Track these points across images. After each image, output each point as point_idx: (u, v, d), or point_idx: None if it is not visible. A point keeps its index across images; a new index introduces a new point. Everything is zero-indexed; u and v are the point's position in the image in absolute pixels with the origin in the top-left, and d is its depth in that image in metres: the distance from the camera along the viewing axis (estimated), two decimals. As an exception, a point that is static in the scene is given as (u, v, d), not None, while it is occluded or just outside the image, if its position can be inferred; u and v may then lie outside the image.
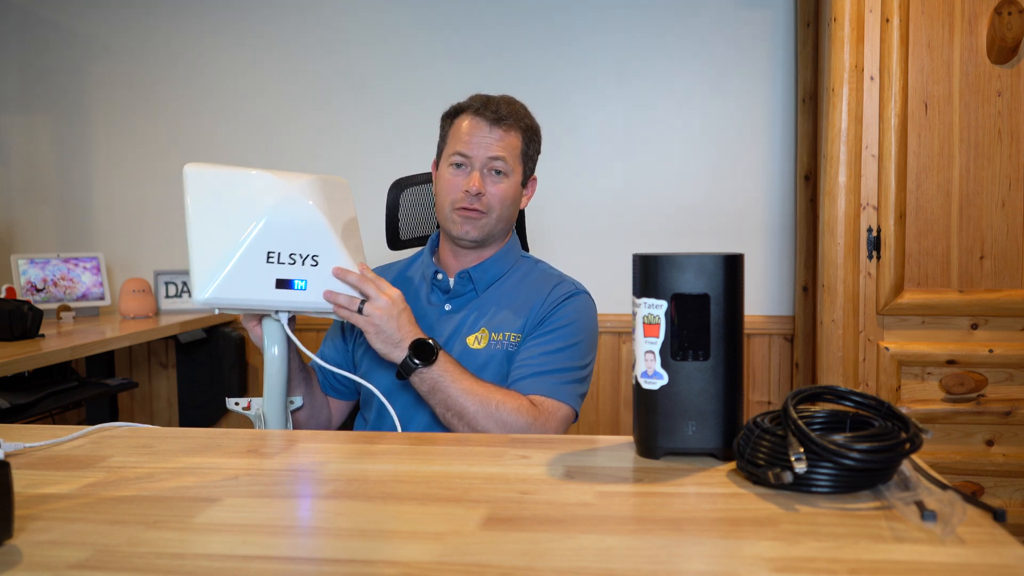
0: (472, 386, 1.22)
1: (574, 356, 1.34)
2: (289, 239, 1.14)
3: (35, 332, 2.15)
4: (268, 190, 1.15)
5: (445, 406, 1.22)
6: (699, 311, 0.84)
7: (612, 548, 0.62)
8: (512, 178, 1.38)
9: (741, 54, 2.66)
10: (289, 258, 1.14)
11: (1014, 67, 2.12)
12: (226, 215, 1.13)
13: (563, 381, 1.30)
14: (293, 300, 1.15)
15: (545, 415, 1.25)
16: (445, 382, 1.21)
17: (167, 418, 2.94)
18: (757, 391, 2.70)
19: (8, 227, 3.01)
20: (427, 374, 1.21)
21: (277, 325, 1.21)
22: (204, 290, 1.11)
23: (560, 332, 1.35)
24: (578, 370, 1.34)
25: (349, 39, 2.84)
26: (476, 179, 1.34)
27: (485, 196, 1.35)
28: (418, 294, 1.44)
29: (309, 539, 0.67)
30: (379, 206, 1.72)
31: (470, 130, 1.36)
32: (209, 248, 1.12)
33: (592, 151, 2.74)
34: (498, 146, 1.35)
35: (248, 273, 1.12)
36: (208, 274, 1.11)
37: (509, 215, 1.41)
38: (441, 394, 1.21)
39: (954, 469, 2.16)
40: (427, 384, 1.22)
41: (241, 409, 1.23)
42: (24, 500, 0.74)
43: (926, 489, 0.72)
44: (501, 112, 1.36)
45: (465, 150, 1.36)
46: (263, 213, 1.13)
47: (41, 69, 2.98)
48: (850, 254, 2.19)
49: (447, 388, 1.21)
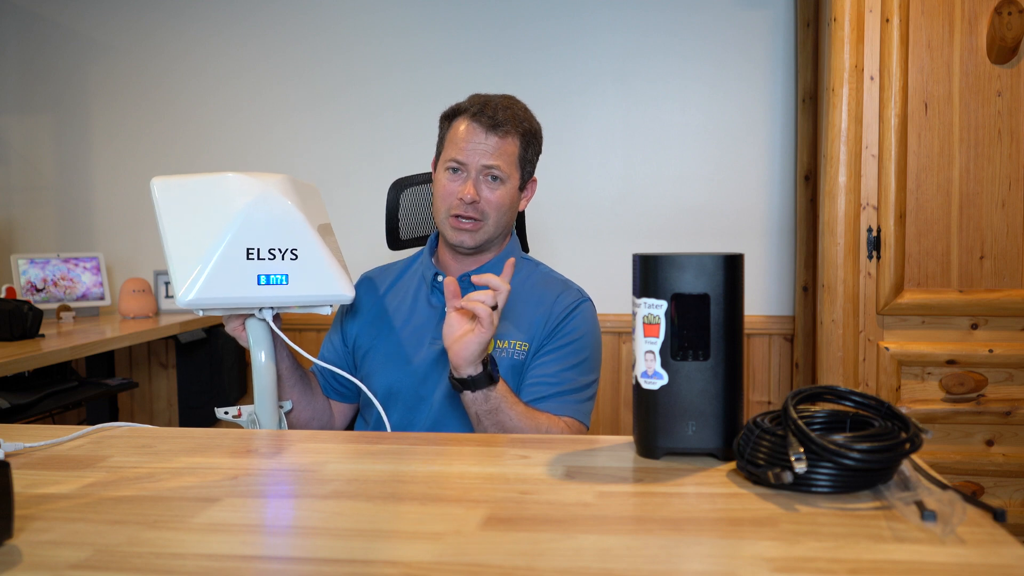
0: (525, 411, 1.23)
1: (586, 371, 1.36)
2: (267, 235, 1.15)
3: (35, 332, 2.15)
4: (241, 190, 1.15)
5: (501, 427, 1.21)
6: (699, 311, 0.84)
7: (612, 548, 0.62)
8: (509, 184, 1.36)
9: (741, 54, 2.66)
10: (269, 253, 1.14)
11: (1014, 67, 2.12)
12: (200, 219, 1.14)
13: (579, 400, 1.33)
14: (276, 295, 1.16)
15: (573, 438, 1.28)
16: (507, 405, 1.21)
17: (167, 418, 2.94)
18: (757, 391, 2.70)
19: (8, 227, 3.01)
20: (492, 393, 1.20)
21: (262, 325, 1.21)
22: (188, 292, 1.10)
23: (573, 346, 1.35)
24: (588, 387, 1.37)
25: (349, 39, 2.84)
26: (470, 188, 1.33)
27: (480, 203, 1.34)
28: (418, 296, 1.43)
29: (309, 539, 0.67)
30: (379, 206, 1.72)
31: (466, 136, 1.34)
32: (188, 252, 1.12)
33: (592, 151, 2.74)
34: (494, 154, 1.33)
35: (230, 271, 1.12)
36: (190, 276, 1.11)
37: (507, 220, 1.40)
38: (501, 415, 1.21)
39: (954, 469, 2.16)
40: (491, 403, 1.20)
41: (231, 418, 1.23)
42: (24, 500, 0.74)
43: (926, 489, 0.72)
44: (498, 117, 1.33)
45: (460, 157, 1.34)
46: (239, 211, 1.13)
47: (41, 69, 2.98)
48: (850, 254, 2.19)
49: (508, 411, 1.21)
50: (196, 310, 1.14)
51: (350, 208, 2.78)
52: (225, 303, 1.15)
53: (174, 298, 1.13)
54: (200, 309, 1.14)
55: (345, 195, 2.80)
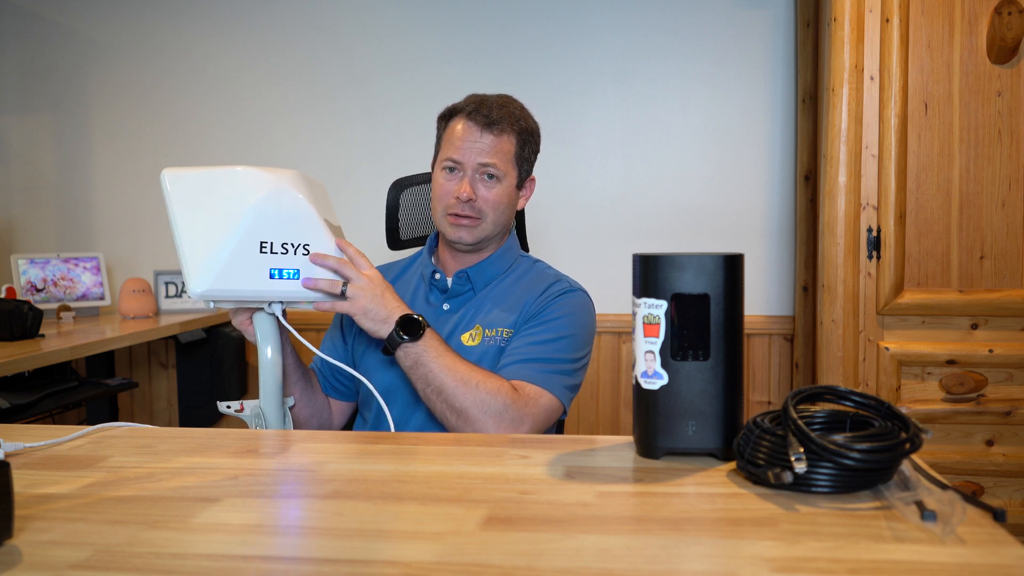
0: (454, 363, 1.21)
1: (564, 348, 1.33)
2: (280, 229, 1.15)
3: (35, 332, 2.15)
4: (254, 184, 1.15)
5: (425, 381, 1.21)
6: (699, 311, 0.84)
7: (612, 548, 0.62)
8: (505, 182, 1.37)
9: (741, 54, 2.66)
10: (281, 248, 1.15)
11: (1014, 67, 2.12)
12: (213, 211, 1.14)
13: (549, 370, 1.28)
14: (287, 289, 1.16)
15: (524, 399, 1.23)
16: (428, 357, 1.20)
17: (167, 418, 2.94)
18: (757, 391, 2.70)
19: (8, 227, 3.01)
20: (411, 348, 1.20)
21: (269, 320, 1.21)
22: (201, 283, 1.11)
23: (552, 324, 1.34)
24: (568, 362, 1.32)
25: (348, 39, 2.84)
26: (467, 186, 1.34)
27: (477, 201, 1.35)
28: (417, 293, 1.44)
29: (309, 539, 0.67)
30: (379, 206, 1.72)
31: (462, 135, 1.35)
32: (201, 243, 1.12)
33: (592, 151, 2.74)
34: (490, 152, 1.34)
35: (243, 264, 1.13)
36: (203, 268, 1.11)
37: (504, 219, 1.40)
38: (423, 369, 1.21)
39: (954, 469, 2.16)
40: (410, 358, 1.21)
41: (234, 412, 1.23)
42: (24, 500, 0.74)
43: (926, 489, 0.72)
44: (493, 116, 1.34)
45: (456, 156, 1.35)
46: (253, 205, 1.14)
47: (41, 69, 2.98)
48: (850, 254, 2.19)
49: (429, 363, 1.20)
50: (207, 302, 1.14)
51: (350, 208, 2.78)
52: (237, 295, 1.15)
53: (186, 289, 1.13)
54: (212, 300, 1.14)
55: (345, 195, 2.80)
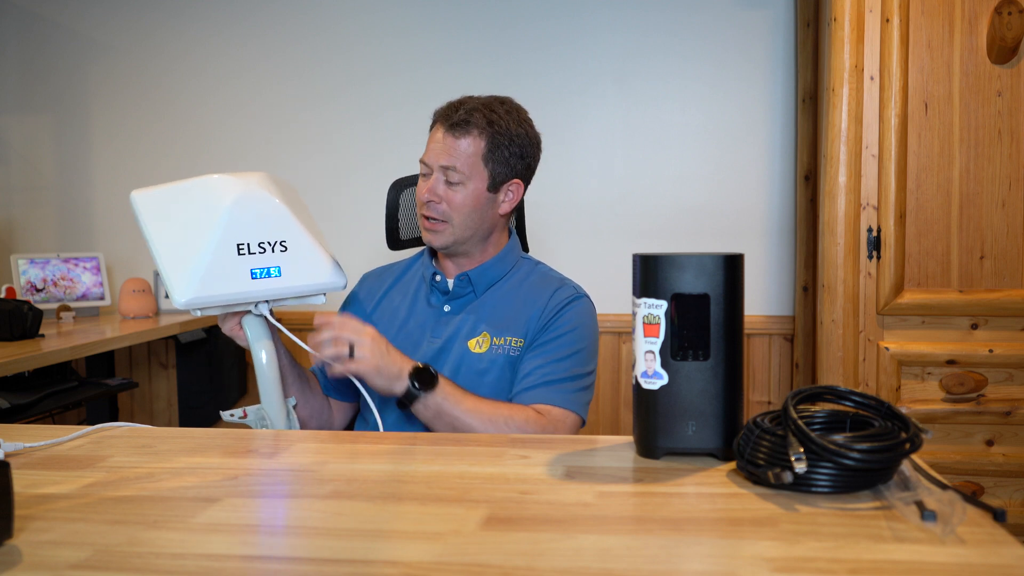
0: (476, 405, 1.22)
1: (578, 363, 1.34)
2: (255, 230, 1.16)
3: (35, 332, 2.15)
4: (223, 190, 1.17)
5: (452, 428, 1.21)
6: (699, 311, 0.84)
7: (612, 548, 0.62)
8: (470, 185, 1.34)
9: (741, 54, 2.66)
10: (259, 247, 1.16)
11: (1014, 67, 2.12)
12: (186, 223, 1.15)
13: (569, 390, 1.31)
14: (271, 288, 1.17)
15: (553, 424, 1.26)
16: (448, 405, 1.20)
17: (167, 418, 2.94)
18: (757, 391, 2.70)
19: (8, 227, 3.01)
20: (430, 400, 1.20)
21: (259, 320, 1.22)
22: (185, 292, 1.11)
23: (563, 339, 1.34)
24: (583, 377, 1.35)
25: (348, 39, 2.84)
26: (426, 187, 1.35)
27: (441, 204, 1.35)
28: (417, 295, 1.44)
29: (309, 539, 0.67)
30: (379, 206, 1.72)
31: (432, 137, 1.37)
32: (178, 255, 1.13)
33: (592, 151, 2.74)
34: (452, 154, 1.33)
35: (223, 269, 1.14)
36: (185, 277, 1.12)
37: (475, 223, 1.37)
38: (447, 417, 1.21)
39: (954, 469, 2.16)
40: (431, 410, 1.21)
41: (237, 419, 1.23)
42: (24, 500, 0.74)
43: (926, 489, 0.72)
44: (456, 118, 1.33)
45: (425, 158, 1.36)
46: (225, 210, 1.15)
47: (41, 69, 2.98)
48: (850, 254, 2.19)
49: (451, 410, 1.20)
50: (193, 311, 1.14)
51: (350, 208, 2.79)
52: (221, 300, 1.15)
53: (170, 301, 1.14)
54: (197, 309, 1.14)
55: (345, 195, 2.80)
